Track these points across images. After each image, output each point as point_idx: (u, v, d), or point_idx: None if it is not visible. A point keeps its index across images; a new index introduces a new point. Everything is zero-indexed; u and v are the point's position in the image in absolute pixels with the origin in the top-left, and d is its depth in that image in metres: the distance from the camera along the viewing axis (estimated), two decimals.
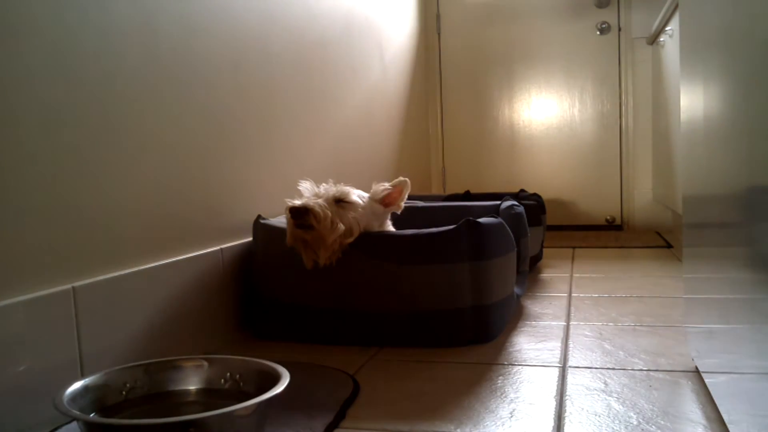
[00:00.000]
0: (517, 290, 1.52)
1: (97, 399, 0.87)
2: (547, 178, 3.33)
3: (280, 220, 1.47)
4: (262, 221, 1.43)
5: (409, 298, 1.29)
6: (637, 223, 3.25)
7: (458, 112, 3.43)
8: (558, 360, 1.17)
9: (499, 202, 1.76)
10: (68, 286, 0.99)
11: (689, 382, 1.03)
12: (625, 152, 3.25)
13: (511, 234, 1.41)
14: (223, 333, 1.39)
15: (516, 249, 1.45)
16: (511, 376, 1.10)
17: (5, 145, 0.91)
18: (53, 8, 0.98)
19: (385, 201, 1.39)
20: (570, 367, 1.13)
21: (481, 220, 1.32)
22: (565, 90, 3.30)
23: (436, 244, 1.29)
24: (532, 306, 1.60)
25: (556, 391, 1.02)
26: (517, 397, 0.99)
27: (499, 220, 1.37)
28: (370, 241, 1.32)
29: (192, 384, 0.95)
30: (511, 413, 0.93)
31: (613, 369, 1.11)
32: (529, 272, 1.85)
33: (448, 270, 1.28)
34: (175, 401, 0.93)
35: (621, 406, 0.94)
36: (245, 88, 1.52)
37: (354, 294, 1.32)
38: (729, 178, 0.77)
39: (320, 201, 1.27)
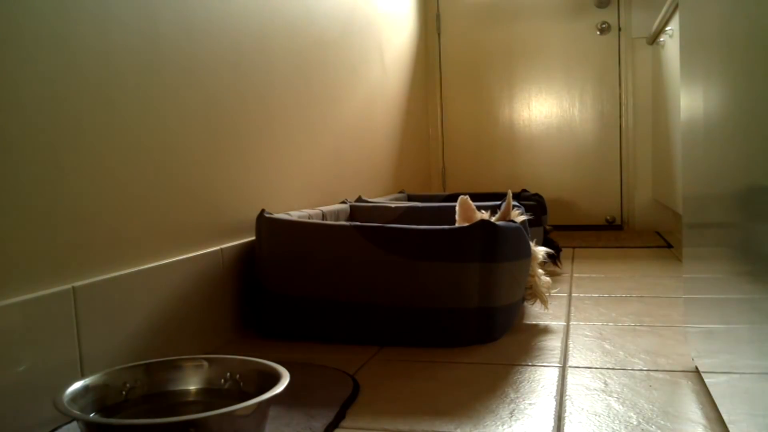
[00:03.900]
0: None
1: (97, 399, 0.87)
2: (546, 178, 3.33)
3: (286, 215, 1.47)
4: (267, 215, 1.43)
5: (417, 293, 1.29)
6: (637, 223, 3.25)
7: (458, 112, 3.43)
8: (558, 360, 1.17)
9: (499, 203, 1.76)
10: (68, 286, 0.99)
11: (689, 382, 1.03)
12: (625, 152, 3.25)
13: (528, 240, 1.40)
14: (223, 333, 1.39)
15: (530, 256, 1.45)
16: (511, 376, 1.10)
17: (5, 145, 0.91)
18: (53, 8, 0.98)
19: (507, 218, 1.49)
20: (570, 367, 1.13)
21: (498, 222, 1.31)
22: (565, 90, 3.30)
23: (448, 240, 1.28)
24: (532, 306, 1.60)
25: (556, 391, 1.02)
26: (517, 397, 0.99)
27: (517, 224, 1.37)
28: (382, 233, 1.31)
29: (192, 384, 0.95)
30: (511, 413, 0.93)
31: (613, 369, 1.11)
32: None
33: (457, 268, 1.28)
34: (175, 401, 0.93)
35: (621, 406, 0.94)
36: (245, 87, 1.52)
37: (364, 286, 1.31)
38: (729, 178, 0.77)
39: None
